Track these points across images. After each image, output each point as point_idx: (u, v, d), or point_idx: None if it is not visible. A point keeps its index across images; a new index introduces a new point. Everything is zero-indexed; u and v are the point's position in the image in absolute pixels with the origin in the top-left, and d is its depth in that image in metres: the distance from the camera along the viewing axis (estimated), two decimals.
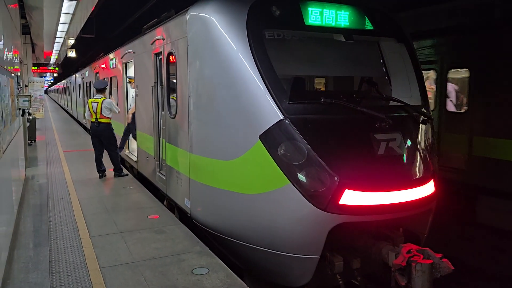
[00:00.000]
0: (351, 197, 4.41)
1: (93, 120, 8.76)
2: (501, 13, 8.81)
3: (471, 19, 9.40)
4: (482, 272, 6.84)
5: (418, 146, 5.05)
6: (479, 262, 7.08)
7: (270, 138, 4.55)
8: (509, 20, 8.14)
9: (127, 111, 10.39)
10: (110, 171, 9.16)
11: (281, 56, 5.02)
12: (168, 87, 6.84)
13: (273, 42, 4.97)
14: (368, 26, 5.52)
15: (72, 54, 18.75)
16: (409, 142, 4.90)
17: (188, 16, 5.73)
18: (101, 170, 9.01)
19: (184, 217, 6.28)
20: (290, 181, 4.43)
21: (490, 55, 7.69)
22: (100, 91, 8.88)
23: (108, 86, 9.19)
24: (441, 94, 8.65)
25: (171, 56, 6.57)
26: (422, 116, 5.23)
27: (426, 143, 5.20)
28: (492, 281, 6.64)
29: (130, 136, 10.40)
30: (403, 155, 4.80)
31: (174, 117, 6.46)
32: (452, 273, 4.30)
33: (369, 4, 5.70)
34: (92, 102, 8.77)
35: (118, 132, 9.82)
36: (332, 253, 4.79)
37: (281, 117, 4.51)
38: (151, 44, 7.55)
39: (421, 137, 5.15)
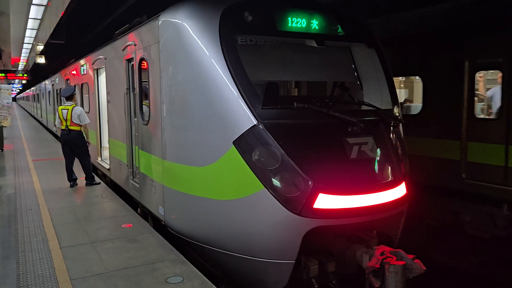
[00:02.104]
0: (325, 201, 4.44)
1: (63, 127, 8.52)
2: None
3: None
4: None
5: (390, 149, 5.15)
6: None
7: (244, 143, 4.54)
8: None
9: (99, 118, 10.18)
10: (81, 179, 8.93)
11: (254, 61, 5.02)
12: (141, 93, 6.75)
13: (245, 48, 4.97)
14: (339, 31, 5.60)
15: (41, 60, 18.27)
16: (381, 146, 4.99)
17: (160, 22, 5.68)
18: (72, 179, 8.78)
19: (159, 225, 6.18)
20: (265, 186, 4.43)
21: None
22: (69, 98, 8.66)
23: (75, 92, 8.94)
24: None
25: (143, 62, 6.49)
26: (393, 120, 5.34)
27: (398, 146, 5.30)
28: None
29: (103, 143, 10.19)
30: (375, 158, 4.87)
31: (147, 124, 6.37)
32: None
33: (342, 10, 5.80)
34: (62, 109, 8.55)
35: (91, 140, 9.60)
36: (308, 257, 4.81)
37: (255, 122, 4.51)
38: (123, 50, 7.44)
39: (392, 140, 5.25)
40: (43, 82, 24.31)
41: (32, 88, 38.01)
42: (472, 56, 7.31)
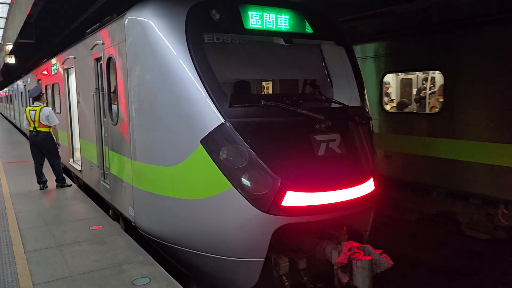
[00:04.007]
0: (293, 198, 4.45)
1: (31, 129, 8.30)
2: None
3: None
4: None
5: (357, 145, 5.19)
6: None
7: (212, 142, 4.51)
8: None
9: (70, 118, 9.97)
10: (52, 182, 8.73)
11: (221, 60, 4.99)
12: (109, 93, 6.63)
13: (212, 46, 4.93)
14: (308, 29, 5.61)
15: (11, 60, 17.76)
16: (348, 142, 5.02)
17: (126, 20, 5.59)
18: (42, 181, 8.56)
19: (130, 227, 6.08)
20: (233, 185, 4.41)
21: None
22: (36, 99, 8.44)
23: (42, 92, 8.71)
24: None
25: (111, 61, 6.38)
26: (361, 117, 5.38)
27: (365, 142, 5.35)
28: None
29: (75, 144, 9.99)
30: (342, 155, 4.90)
31: (116, 124, 6.27)
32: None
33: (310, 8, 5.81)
34: (30, 110, 8.32)
35: (63, 141, 9.40)
36: (278, 254, 4.81)
37: (222, 120, 4.48)
38: (91, 49, 7.30)
39: (360, 136, 5.29)
40: (16, 82, 23.72)
41: (5, 89, 37.00)
42: None
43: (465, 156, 7.36)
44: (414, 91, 10.16)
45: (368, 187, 5.05)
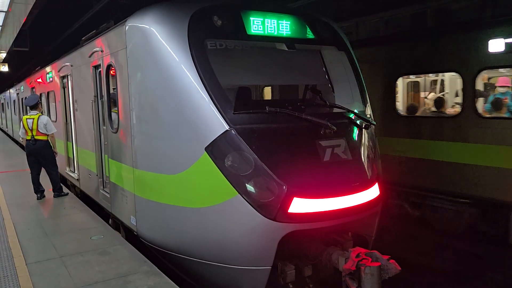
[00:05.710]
0: (299, 205, 4.41)
1: (28, 138, 8.18)
2: None
3: None
4: None
5: (362, 150, 5.18)
6: None
7: (216, 149, 4.47)
8: None
9: (67, 126, 9.86)
10: (49, 191, 8.60)
11: (224, 66, 4.97)
12: (109, 101, 6.57)
13: (215, 52, 4.91)
14: (310, 35, 5.61)
15: (5, 68, 17.60)
16: (353, 147, 5.00)
17: (126, 27, 5.54)
18: (39, 190, 8.43)
19: (131, 236, 6.00)
20: (239, 193, 4.37)
21: None
22: (34, 107, 8.34)
23: (39, 101, 8.62)
24: None
25: (111, 68, 6.32)
26: (364, 121, 5.37)
27: (370, 147, 5.34)
28: None
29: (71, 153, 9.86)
30: (348, 161, 4.88)
31: (116, 132, 6.20)
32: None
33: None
34: (27, 118, 8.21)
35: (59, 149, 9.28)
36: (284, 262, 4.76)
37: (227, 127, 4.44)
38: (89, 57, 7.23)
39: (364, 141, 5.28)
40: (8, 91, 23.49)
41: None
42: None
43: None
44: None
45: (373, 192, 5.03)
